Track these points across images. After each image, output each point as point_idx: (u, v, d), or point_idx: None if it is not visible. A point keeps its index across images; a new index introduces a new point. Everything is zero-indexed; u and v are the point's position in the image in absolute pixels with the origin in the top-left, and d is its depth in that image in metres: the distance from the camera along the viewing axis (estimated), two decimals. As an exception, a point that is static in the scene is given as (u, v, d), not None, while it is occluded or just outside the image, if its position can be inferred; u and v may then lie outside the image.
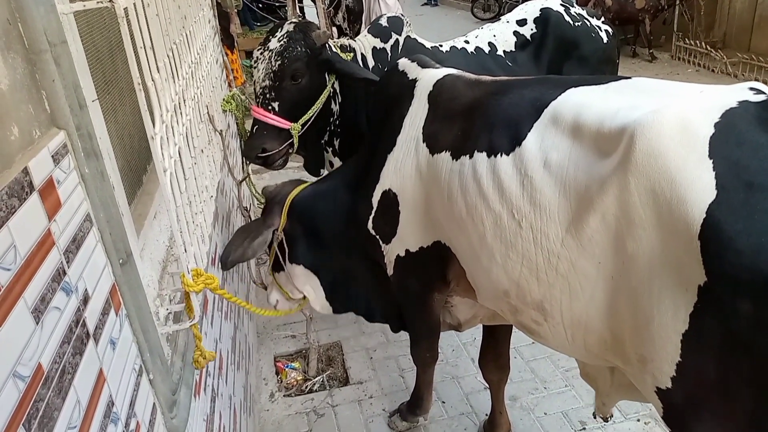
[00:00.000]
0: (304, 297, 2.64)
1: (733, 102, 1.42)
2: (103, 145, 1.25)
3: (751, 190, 1.29)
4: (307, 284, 2.59)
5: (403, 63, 2.29)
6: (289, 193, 2.49)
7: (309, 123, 2.81)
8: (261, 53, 2.79)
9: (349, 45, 3.10)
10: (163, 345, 1.50)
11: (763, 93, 1.45)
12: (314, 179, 2.70)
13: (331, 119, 3.05)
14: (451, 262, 2.07)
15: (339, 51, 2.94)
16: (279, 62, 2.73)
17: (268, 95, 2.76)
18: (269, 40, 2.80)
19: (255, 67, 2.81)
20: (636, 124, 1.44)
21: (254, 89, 2.84)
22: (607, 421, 2.35)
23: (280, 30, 2.81)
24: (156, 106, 1.45)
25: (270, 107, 2.76)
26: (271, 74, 2.74)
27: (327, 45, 2.85)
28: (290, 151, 2.87)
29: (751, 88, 1.47)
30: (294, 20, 2.93)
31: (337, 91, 2.96)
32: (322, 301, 2.64)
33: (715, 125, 1.38)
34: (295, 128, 2.77)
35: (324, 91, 2.84)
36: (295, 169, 5.03)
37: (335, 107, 3.02)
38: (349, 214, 2.37)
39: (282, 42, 2.75)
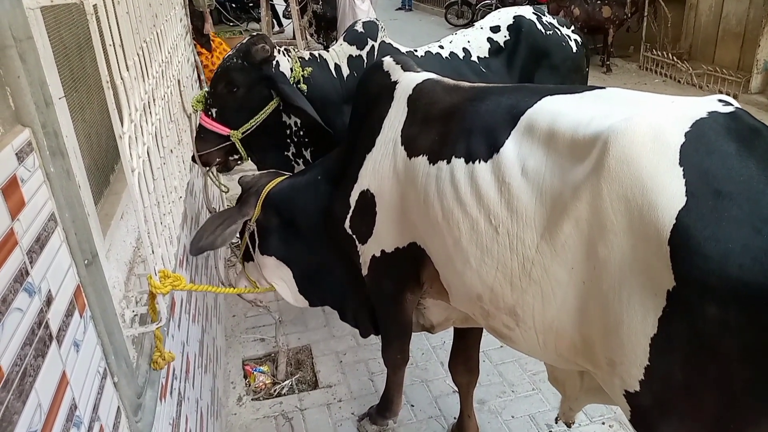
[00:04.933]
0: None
1: (703, 112, 1.46)
2: (69, 144, 1.23)
3: (720, 197, 1.32)
4: (276, 276, 2.58)
5: (388, 63, 2.29)
6: (266, 184, 2.49)
7: (251, 132, 2.90)
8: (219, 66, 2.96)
9: (319, 56, 3.11)
10: (129, 347, 1.47)
11: (731, 105, 1.50)
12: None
13: (289, 131, 3.07)
14: (426, 263, 2.09)
15: (295, 65, 2.95)
16: (219, 70, 2.89)
17: (209, 101, 2.92)
18: None
19: None
20: (609, 131, 1.47)
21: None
22: (570, 427, 2.38)
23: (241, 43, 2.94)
24: (125, 105, 1.43)
25: (210, 112, 2.91)
26: (213, 82, 2.91)
27: (275, 61, 2.88)
28: (235, 157, 3.02)
29: (720, 100, 1.52)
30: (252, 34, 3.04)
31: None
32: (294, 293, 2.63)
33: (685, 134, 1.42)
34: (235, 135, 2.90)
35: (268, 104, 2.91)
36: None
37: (290, 120, 3.05)
38: (327, 209, 2.37)
39: (231, 53, 2.90)
